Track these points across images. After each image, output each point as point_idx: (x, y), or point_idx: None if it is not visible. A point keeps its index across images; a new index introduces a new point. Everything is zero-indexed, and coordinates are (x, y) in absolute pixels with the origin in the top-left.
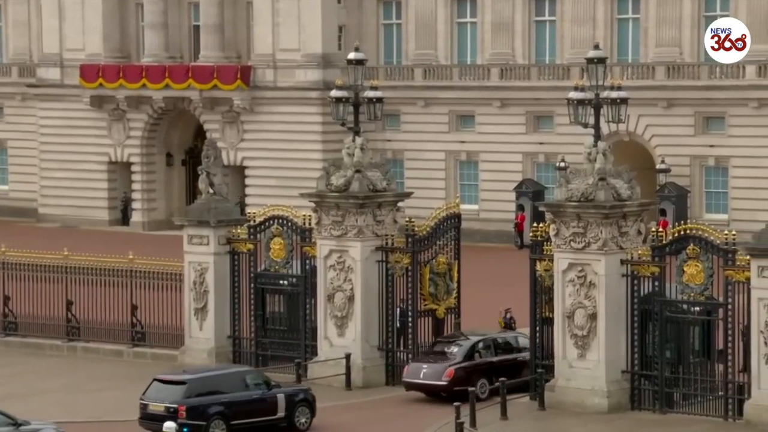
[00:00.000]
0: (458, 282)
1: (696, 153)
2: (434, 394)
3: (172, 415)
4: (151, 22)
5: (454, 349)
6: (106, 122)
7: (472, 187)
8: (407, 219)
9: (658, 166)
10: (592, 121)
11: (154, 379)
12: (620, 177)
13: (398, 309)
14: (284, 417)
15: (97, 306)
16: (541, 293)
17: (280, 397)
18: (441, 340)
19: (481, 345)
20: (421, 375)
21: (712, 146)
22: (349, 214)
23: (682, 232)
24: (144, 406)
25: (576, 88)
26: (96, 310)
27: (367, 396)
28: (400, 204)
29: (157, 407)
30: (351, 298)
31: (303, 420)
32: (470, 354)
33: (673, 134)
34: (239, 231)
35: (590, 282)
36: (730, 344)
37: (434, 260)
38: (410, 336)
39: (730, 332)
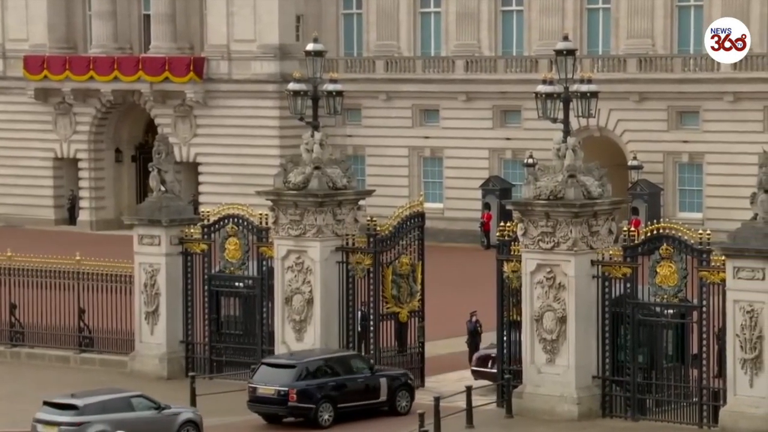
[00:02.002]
0: (422, 284)
1: (669, 149)
2: None
3: (282, 398)
4: (98, 11)
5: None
6: (51, 116)
7: (437, 185)
8: (369, 218)
9: (630, 163)
10: (561, 115)
11: (262, 363)
12: (591, 174)
13: (359, 312)
14: (386, 401)
15: (43, 309)
16: (508, 295)
17: (383, 381)
18: None
19: None
20: (489, 365)
21: (685, 142)
22: (308, 213)
23: (654, 232)
24: (253, 390)
25: (544, 82)
26: (41, 313)
27: None
28: (361, 202)
29: (267, 390)
30: (310, 301)
31: (404, 404)
32: None
33: (646, 129)
34: (192, 231)
35: (559, 284)
36: (704, 348)
37: (397, 261)
38: (372, 340)
39: (704, 336)
